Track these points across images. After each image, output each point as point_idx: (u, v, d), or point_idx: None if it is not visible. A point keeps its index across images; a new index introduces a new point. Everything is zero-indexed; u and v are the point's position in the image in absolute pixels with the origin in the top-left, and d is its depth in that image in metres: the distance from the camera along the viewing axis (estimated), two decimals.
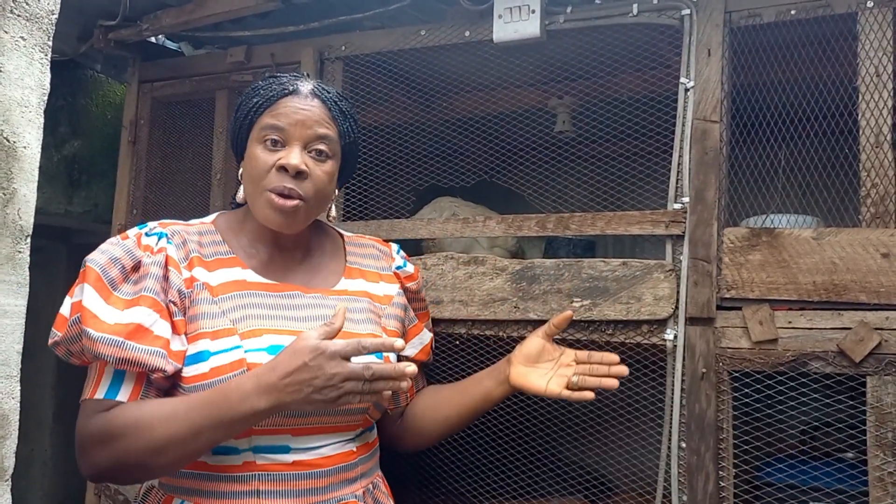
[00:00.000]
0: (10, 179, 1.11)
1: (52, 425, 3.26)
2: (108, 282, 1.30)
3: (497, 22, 1.96)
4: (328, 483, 1.37)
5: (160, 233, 1.39)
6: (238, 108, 1.47)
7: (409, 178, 2.21)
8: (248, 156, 1.42)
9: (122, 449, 1.25)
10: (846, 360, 1.55)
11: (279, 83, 1.44)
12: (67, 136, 2.85)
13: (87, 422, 1.29)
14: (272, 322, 1.38)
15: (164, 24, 2.39)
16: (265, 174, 1.38)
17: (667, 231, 1.75)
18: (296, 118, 1.39)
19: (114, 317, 1.27)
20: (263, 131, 1.39)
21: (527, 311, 1.83)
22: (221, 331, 1.34)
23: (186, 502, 1.33)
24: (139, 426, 1.25)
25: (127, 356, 1.25)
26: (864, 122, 1.62)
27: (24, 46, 1.14)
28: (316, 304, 1.45)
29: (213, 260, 1.41)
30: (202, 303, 1.35)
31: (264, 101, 1.41)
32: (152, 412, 1.26)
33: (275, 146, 1.38)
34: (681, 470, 1.68)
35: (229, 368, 1.30)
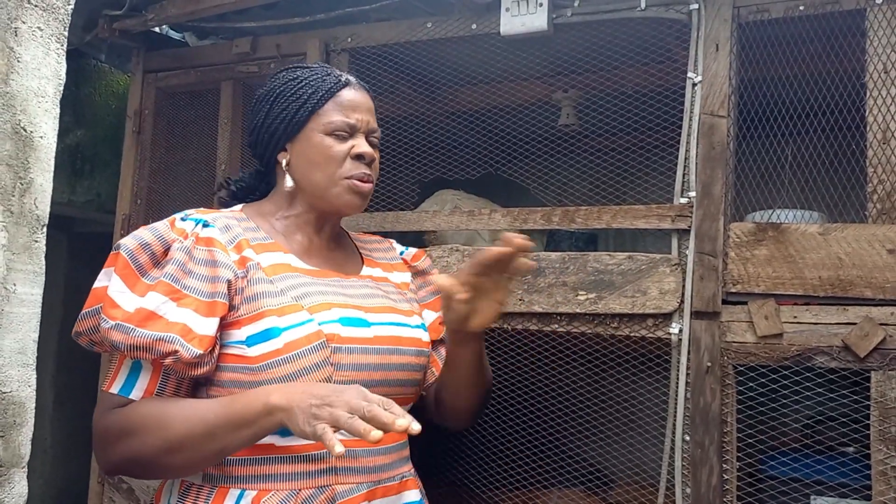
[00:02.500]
0: (27, 169, 1.12)
1: (52, 413, 3.27)
2: (137, 268, 1.29)
3: (504, 15, 1.96)
4: (392, 460, 1.39)
5: (197, 219, 1.39)
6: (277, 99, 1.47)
7: (413, 170, 2.22)
8: (315, 145, 1.44)
9: (137, 446, 1.24)
10: (851, 355, 1.57)
11: (329, 74, 1.47)
12: (71, 125, 2.84)
13: (103, 415, 1.28)
14: (333, 297, 1.40)
15: (170, 14, 2.38)
16: (341, 163, 1.43)
17: (673, 225, 1.76)
18: (360, 110, 1.46)
19: (133, 303, 1.27)
20: (333, 125, 1.43)
21: (531, 304, 1.83)
22: (287, 307, 1.33)
23: (249, 491, 1.29)
24: (155, 423, 1.23)
25: (134, 342, 1.24)
26: (872, 119, 1.63)
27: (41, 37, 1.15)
28: (357, 286, 1.48)
29: (257, 244, 1.42)
30: (259, 282, 1.35)
31: (326, 93, 1.45)
32: (170, 409, 1.25)
33: (343, 137, 1.44)
34: (684, 463, 1.69)
35: (305, 341, 1.30)
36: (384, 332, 1.41)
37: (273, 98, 1.48)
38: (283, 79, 1.49)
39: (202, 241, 1.35)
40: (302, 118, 1.45)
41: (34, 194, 1.13)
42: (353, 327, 1.37)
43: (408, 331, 1.46)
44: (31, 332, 1.13)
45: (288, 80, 1.49)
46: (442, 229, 2.05)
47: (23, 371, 1.12)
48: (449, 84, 2.36)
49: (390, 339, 1.41)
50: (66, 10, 1.19)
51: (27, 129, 1.11)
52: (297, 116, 1.45)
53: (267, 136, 1.49)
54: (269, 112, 1.48)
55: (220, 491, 1.31)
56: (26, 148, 1.11)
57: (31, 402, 1.13)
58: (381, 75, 2.24)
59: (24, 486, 1.12)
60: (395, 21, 2.16)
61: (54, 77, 1.17)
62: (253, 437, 1.23)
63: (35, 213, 1.13)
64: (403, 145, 2.22)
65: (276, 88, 1.49)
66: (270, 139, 1.48)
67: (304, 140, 1.45)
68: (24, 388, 1.12)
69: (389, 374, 1.38)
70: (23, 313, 1.12)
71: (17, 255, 1.10)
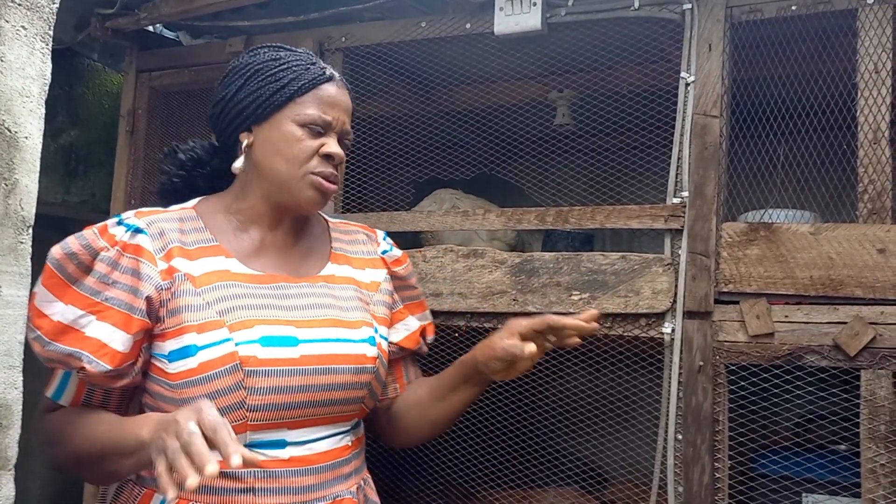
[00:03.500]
0: (11, 170, 1.11)
1: None
2: (66, 277, 1.27)
3: (498, 14, 1.96)
4: (323, 479, 1.34)
5: (131, 225, 1.33)
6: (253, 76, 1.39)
7: (408, 170, 2.21)
8: (284, 135, 1.37)
9: (56, 454, 1.30)
10: (841, 353, 1.57)
11: (313, 64, 1.41)
12: (65, 125, 2.84)
13: (38, 421, 1.33)
14: (262, 312, 1.33)
15: (163, 13, 2.37)
16: (309, 158, 1.37)
17: (666, 225, 1.76)
18: (339, 109, 1.41)
19: (53, 315, 1.26)
20: (309, 118, 1.36)
21: (525, 304, 1.83)
22: (208, 323, 1.29)
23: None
24: (64, 437, 1.28)
25: (48, 355, 1.25)
26: (863, 119, 1.62)
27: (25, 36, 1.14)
28: (305, 294, 1.41)
29: (196, 248, 1.35)
30: (184, 295, 1.30)
31: (307, 83, 1.38)
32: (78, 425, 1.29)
33: (317, 133, 1.38)
34: (677, 461, 1.69)
35: (220, 363, 1.26)
36: (314, 351, 1.34)
37: (250, 73, 1.39)
38: (263, 56, 1.41)
39: (130, 248, 1.30)
40: (277, 102, 1.37)
41: (19, 195, 1.12)
42: (276, 347, 1.31)
43: (347, 346, 1.39)
44: (17, 333, 1.12)
45: (269, 58, 1.40)
46: (436, 229, 2.05)
47: (9, 373, 1.11)
48: (444, 84, 2.36)
49: (321, 357, 1.34)
50: (51, 8, 1.18)
51: (11, 130, 1.11)
52: (272, 99, 1.37)
53: (234, 112, 1.40)
54: (242, 87, 1.39)
55: (147, 493, 1.31)
56: (11, 149, 1.11)
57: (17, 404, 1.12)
58: (376, 75, 2.23)
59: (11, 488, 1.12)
60: (390, 20, 2.16)
61: (39, 77, 1.16)
62: (136, 467, 1.22)
63: (21, 215, 1.12)
64: (398, 145, 2.22)
65: (253, 64, 1.40)
66: (237, 116, 1.40)
67: (273, 125, 1.37)
68: (11, 391, 1.11)
69: (317, 395, 1.32)
70: (9, 315, 1.11)
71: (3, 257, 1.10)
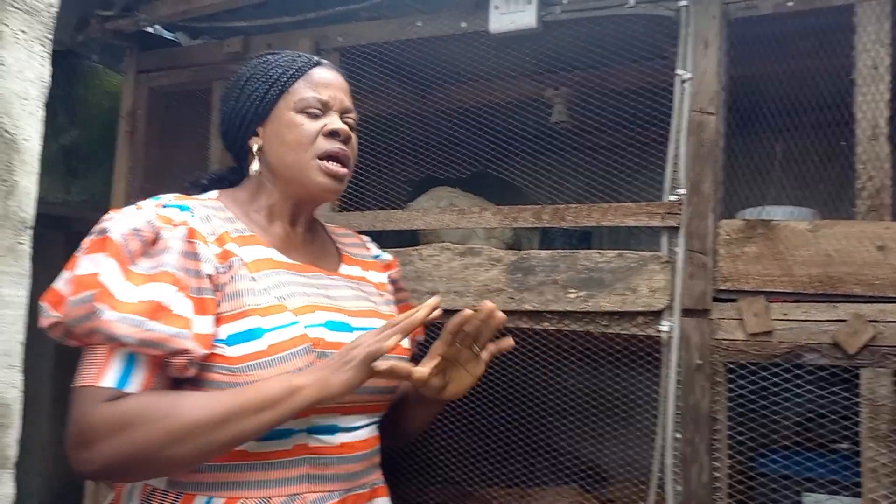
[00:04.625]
0: (10, 172, 1.12)
1: (50, 411, 3.27)
2: (128, 254, 1.22)
3: (493, 13, 1.96)
4: (364, 467, 1.36)
5: (181, 205, 1.32)
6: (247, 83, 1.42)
7: (404, 168, 2.22)
8: (285, 124, 1.38)
9: (135, 439, 1.15)
10: (840, 352, 1.57)
11: (299, 56, 1.44)
12: (65, 125, 2.84)
13: (90, 410, 1.19)
14: (316, 299, 1.35)
15: (161, 14, 2.38)
16: (313, 139, 1.38)
17: (662, 223, 1.76)
18: (333, 88, 1.42)
19: (133, 294, 1.18)
20: (304, 101, 1.38)
21: (522, 303, 1.84)
22: (272, 307, 1.27)
23: (216, 499, 1.24)
24: (160, 412, 1.16)
25: (149, 337, 1.16)
26: (861, 115, 1.63)
27: (24, 39, 1.14)
28: (340, 286, 1.43)
29: (238, 237, 1.35)
30: (242, 279, 1.29)
31: (296, 71, 1.40)
32: (174, 397, 1.19)
33: (315, 115, 1.39)
34: (675, 461, 1.69)
35: (291, 344, 1.25)
36: None
37: (243, 82, 1.43)
38: (252, 64, 1.45)
39: (185, 229, 1.28)
40: (272, 98, 1.39)
41: (18, 197, 1.13)
42: (338, 332, 1.33)
43: None
44: (16, 333, 1.13)
45: (257, 64, 1.44)
46: (433, 228, 2.05)
47: (9, 373, 1.12)
48: (440, 82, 2.36)
49: None
50: (50, 12, 1.19)
51: (11, 132, 1.12)
52: (266, 96, 1.39)
53: (238, 121, 1.43)
54: (238, 96, 1.42)
55: (186, 498, 1.25)
56: (10, 151, 1.11)
57: (17, 403, 1.13)
58: (372, 74, 2.24)
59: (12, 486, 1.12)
60: (386, 19, 2.16)
61: (38, 80, 1.17)
62: (277, 418, 1.19)
63: (20, 216, 1.13)
64: (394, 144, 2.22)
65: (245, 73, 1.44)
66: (241, 123, 1.42)
67: (275, 120, 1.40)
68: (10, 390, 1.12)
69: (369, 382, 1.30)
70: (8, 315, 1.12)
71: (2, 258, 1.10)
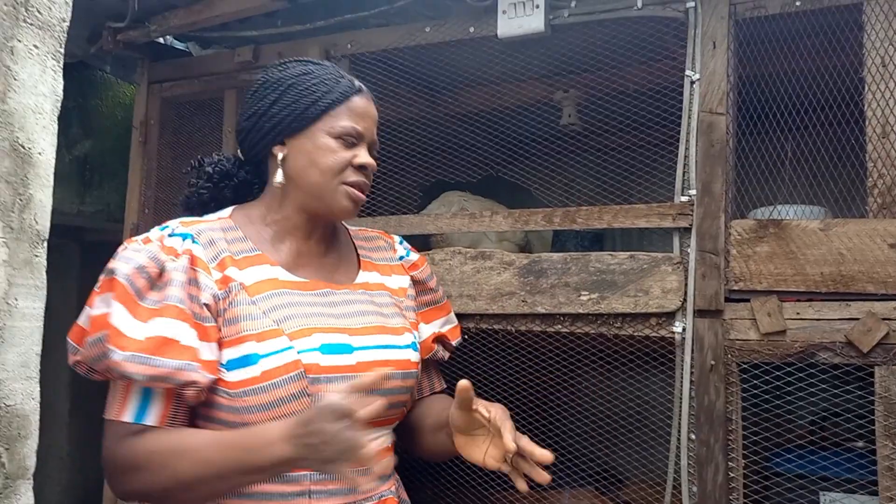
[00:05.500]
0: (25, 185, 1.13)
1: (68, 421, 3.30)
2: (135, 293, 1.27)
3: (501, 17, 1.97)
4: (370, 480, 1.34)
5: (184, 233, 1.36)
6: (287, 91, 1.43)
7: (416, 173, 2.22)
8: (319, 146, 1.41)
9: (150, 480, 1.23)
10: (854, 350, 1.56)
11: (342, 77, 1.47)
12: (79, 136, 2.87)
13: (114, 447, 1.26)
14: (316, 320, 1.36)
15: (173, 25, 2.40)
16: (343, 169, 1.42)
17: (674, 224, 1.76)
18: (368, 121, 1.47)
19: (140, 331, 1.24)
20: (343, 129, 1.42)
21: (535, 305, 1.84)
22: (267, 332, 1.31)
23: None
24: (165, 462, 1.23)
25: (156, 373, 1.22)
26: (871, 113, 1.62)
27: (38, 54, 1.16)
28: (349, 301, 1.45)
29: (242, 258, 1.38)
30: (241, 304, 1.33)
31: (339, 96, 1.43)
32: (180, 446, 1.24)
33: (349, 144, 1.43)
34: (690, 461, 1.69)
35: (283, 371, 1.29)
36: (367, 358, 1.38)
37: (283, 88, 1.43)
38: (294, 70, 1.46)
39: (188, 257, 1.32)
40: (312, 115, 1.41)
41: (34, 210, 1.14)
42: (335, 355, 1.34)
43: (395, 353, 1.44)
44: (33, 345, 1.14)
45: (300, 72, 1.45)
46: (444, 232, 2.06)
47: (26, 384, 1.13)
48: (450, 87, 2.37)
49: (374, 364, 1.38)
50: (63, 27, 1.20)
51: (25, 146, 1.13)
52: (307, 112, 1.41)
53: (268, 126, 1.44)
54: (276, 101, 1.43)
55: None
56: (25, 164, 1.13)
57: (35, 414, 1.14)
58: (382, 80, 2.25)
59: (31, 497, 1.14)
60: (394, 26, 2.18)
61: (51, 94, 1.18)
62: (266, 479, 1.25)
63: (35, 229, 1.15)
64: (405, 148, 2.23)
65: (286, 79, 1.44)
66: (272, 129, 1.44)
67: (308, 137, 1.42)
68: (28, 401, 1.14)
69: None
70: (25, 327, 1.13)
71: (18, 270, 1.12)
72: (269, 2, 2.22)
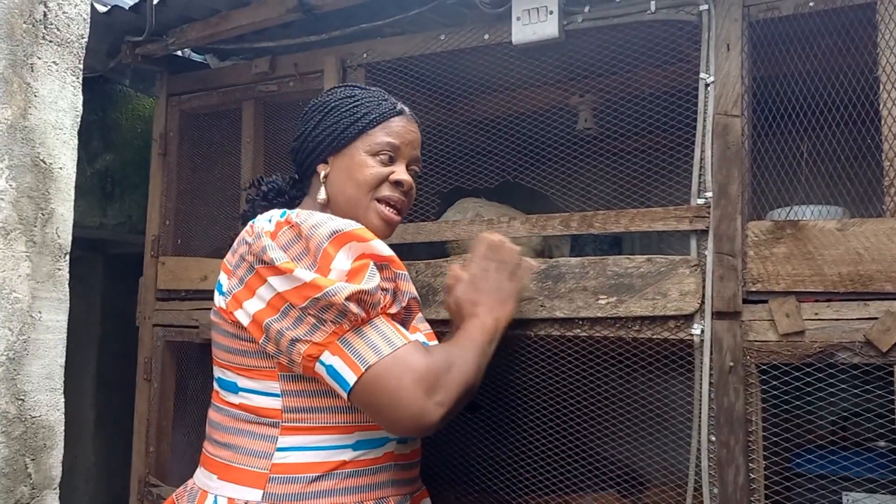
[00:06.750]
0: (47, 200, 1.16)
1: (94, 432, 3.34)
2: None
3: (515, 24, 1.97)
4: (418, 472, 1.51)
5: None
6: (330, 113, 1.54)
7: (433, 180, 2.24)
8: (357, 163, 1.51)
9: (465, 371, 1.36)
10: (873, 350, 1.55)
11: (385, 100, 1.56)
12: (100, 150, 2.91)
13: (425, 358, 1.32)
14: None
15: (190, 38, 2.44)
16: (378, 185, 1.51)
17: (691, 226, 1.76)
18: (407, 139, 1.55)
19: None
20: (379, 146, 1.51)
21: (553, 310, 1.84)
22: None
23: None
24: (460, 353, 1.39)
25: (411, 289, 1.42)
26: (886, 112, 1.61)
27: (57, 71, 1.18)
28: None
29: None
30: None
31: (379, 116, 1.52)
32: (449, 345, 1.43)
33: (385, 161, 1.51)
34: (711, 463, 1.69)
35: None
36: None
37: (327, 110, 1.54)
38: (339, 94, 1.57)
39: None
40: (351, 134, 1.51)
41: (56, 224, 1.17)
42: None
43: None
44: (57, 357, 1.17)
45: (344, 96, 1.56)
46: (462, 238, 2.07)
47: (51, 396, 1.16)
48: (466, 94, 2.38)
49: None
50: (81, 43, 1.23)
51: (46, 161, 1.16)
52: (347, 131, 1.51)
53: (312, 145, 1.55)
54: (319, 122, 1.54)
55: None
56: (46, 179, 1.16)
57: (60, 425, 1.17)
58: (398, 88, 2.26)
59: None
60: (409, 34, 2.19)
61: (71, 109, 1.21)
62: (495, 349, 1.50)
63: (57, 243, 1.17)
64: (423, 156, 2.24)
65: (330, 102, 1.55)
66: (316, 148, 1.54)
67: (347, 156, 1.51)
68: (53, 413, 1.16)
69: None
70: (49, 339, 1.16)
71: (42, 284, 1.14)
72: (284, 13, 2.25)
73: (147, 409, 2.54)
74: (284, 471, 1.31)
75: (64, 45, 1.20)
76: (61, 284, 1.18)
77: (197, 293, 2.45)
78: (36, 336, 1.13)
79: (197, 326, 2.42)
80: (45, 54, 1.17)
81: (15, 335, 1.12)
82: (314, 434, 1.33)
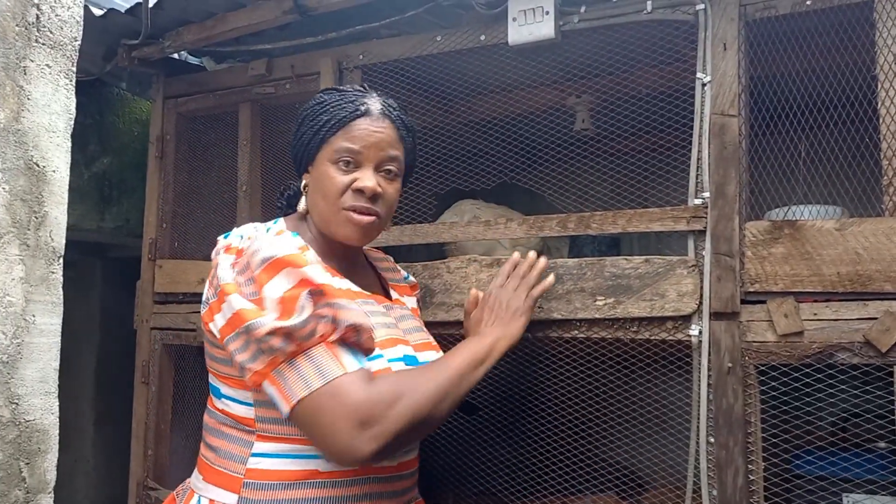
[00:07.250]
0: (41, 203, 1.15)
1: (93, 436, 3.33)
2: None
3: (511, 25, 1.97)
4: (410, 484, 1.45)
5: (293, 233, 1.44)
6: (303, 123, 1.48)
7: (430, 181, 2.23)
8: (321, 174, 1.44)
9: (413, 403, 1.26)
10: (873, 350, 1.55)
11: (350, 102, 1.45)
12: (97, 153, 2.91)
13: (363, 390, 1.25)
14: (394, 332, 1.44)
15: (186, 41, 2.43)
16: (341, 194, 1.42)
17: (688, 227, 1.75)
18: (370, 141, 1.43)
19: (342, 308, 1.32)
20: (338, 153, 1.42)
21: (550, 312, 1.84)
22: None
23: None
24: (416, 382, 1.30)
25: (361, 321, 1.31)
26: (884, 111, 1.60)
27: (50, 74, 1.18)
28: (402, 316, 1.52)
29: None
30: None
31: (337, 123, 1.43)
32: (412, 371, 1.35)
33: (348, 167, 1.42)
34: (710, 465, 1.68)
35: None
36: None
37: (300, 120, 1.49)
38: (312, 102, 1.50)
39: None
40: (315, 146, 1.45)
41: (49, 227, 1.16)
42: (410, 366, 1.40)
43: None
44: (51, 361, 1.16)
45: (315, 103, 1.49)
46: (460, 240, 2.06)
47: (45, 399, 1.15)
48: (462, 95, 2.38)
49: None
50: (74, 45, 1.22)
51: (40, 164, 1.15)
52: (311, 144, 1.45)
53: (295, 158, 1.52)
54: (295, 134, 1.50)
55: None
56: (40, 182, 1.15)
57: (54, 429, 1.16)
58: (395, 89, 2.26)
59: None
60: (406, 36, 2.19)
61: (64, 112, 1.20)
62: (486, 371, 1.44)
63: (51, 246, 1.16)
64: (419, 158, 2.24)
65: (304, 111, 1.49)
66: (296, 161, 1.52)
67: (316, 167, 1.46)
68: (48, 416, 1.15)
69: None
70: (43, 343, 1.15)
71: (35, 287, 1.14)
72: (281, 15, 2.24)
73: (145, 413, 2.54)
74: (258, 476, 1.31)
75: (57, 47, 1.20)
76: (55, 288, 1.17)
77: (194, 296, 2.44)
78: (30, 339, 1.12)
79: (194, 329, 2.42)
80: (37, 57, 1.16)
81: (9, 339, 1.11)
82: (285, 443, 1.32)
